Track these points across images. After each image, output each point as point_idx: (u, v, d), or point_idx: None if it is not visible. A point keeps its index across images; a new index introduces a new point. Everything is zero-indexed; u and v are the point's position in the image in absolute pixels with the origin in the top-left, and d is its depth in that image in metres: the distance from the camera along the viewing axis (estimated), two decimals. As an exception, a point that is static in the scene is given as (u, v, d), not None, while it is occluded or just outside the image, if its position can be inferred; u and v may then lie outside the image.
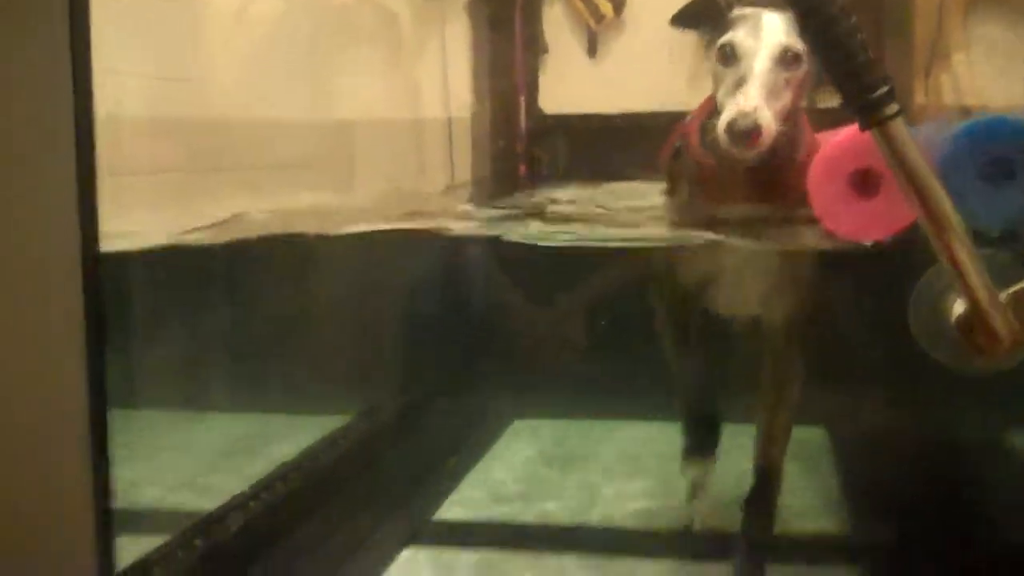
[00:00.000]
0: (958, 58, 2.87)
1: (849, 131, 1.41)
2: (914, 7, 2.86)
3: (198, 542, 1.81)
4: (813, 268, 1.87)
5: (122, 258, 1.52)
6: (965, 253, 1.24)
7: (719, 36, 1.66)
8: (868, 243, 1.49)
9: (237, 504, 1.99)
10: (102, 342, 1.34)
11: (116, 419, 1.32)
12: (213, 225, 1.96)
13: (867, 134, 1.29)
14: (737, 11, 1.68)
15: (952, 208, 1.23)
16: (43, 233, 1.29)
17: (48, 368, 1.33)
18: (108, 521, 1.35)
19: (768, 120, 1.53)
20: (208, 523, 1.89)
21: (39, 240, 1.29)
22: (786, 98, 1.59)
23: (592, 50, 3.13)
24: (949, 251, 1.24)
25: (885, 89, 1.21)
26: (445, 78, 3.09)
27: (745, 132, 1.51)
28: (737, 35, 1.62)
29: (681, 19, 1.75)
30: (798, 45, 1.59)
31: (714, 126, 1.63)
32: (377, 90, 2.89)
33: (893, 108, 1.21)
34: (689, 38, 2.99)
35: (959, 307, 1.33)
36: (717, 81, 1.67)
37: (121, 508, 1.29)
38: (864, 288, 2.27)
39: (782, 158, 1.62)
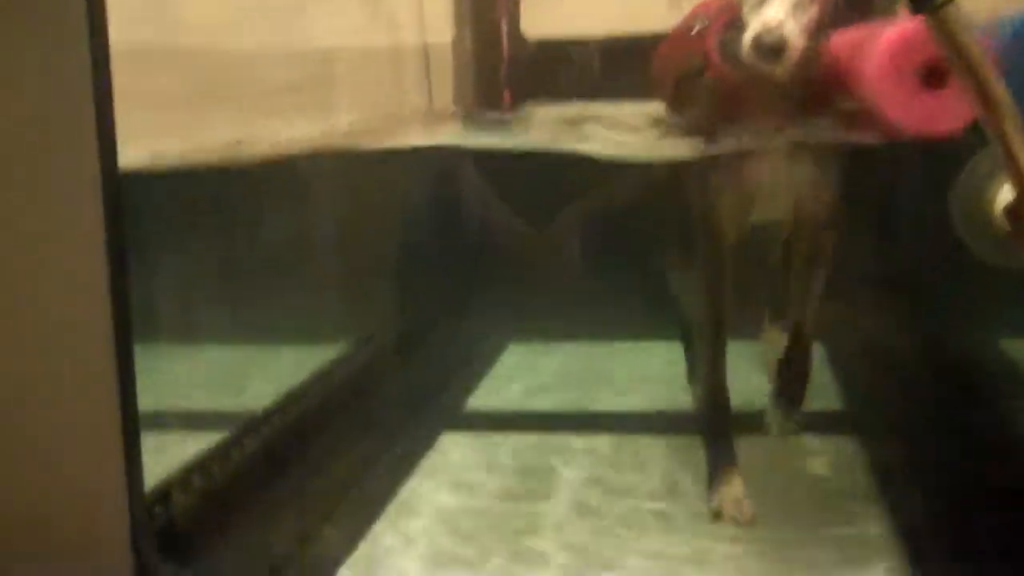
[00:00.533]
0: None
1: (916, 24, 1.40)
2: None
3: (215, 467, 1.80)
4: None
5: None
6: (1019, 138, 1.22)
7: None
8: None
9: (250, 428, 1.98)
10: (124, 259, 1.32)
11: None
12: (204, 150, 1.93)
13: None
14: None
15: (1007, 93, 1.21)
16: (64, 153, 1.27)
17: (72, 286, 1.30)
18: (135, 441, 1.33)
19: (795, 34, 1.54)
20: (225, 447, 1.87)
21: (60, 160, 1.27)
22: (812, 12, 1.59)
23: (571, -28, 3.07)
24: (1003, 135, 1.22)
25: (939, -26, 1.18)
26: (421, 3, 3.03)
27: (771, 47, 1.53)
28: None
29: None
30: None
31: (733, 40, 1.64)
32: (351, 16, 2.82)
33: (948, -7, 1.19)
34: (666, -43, 2.98)
35: (1005, 196, 1.32)
36: None
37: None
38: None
39: (808, 71, 1.63)
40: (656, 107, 2.17)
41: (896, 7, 1.65)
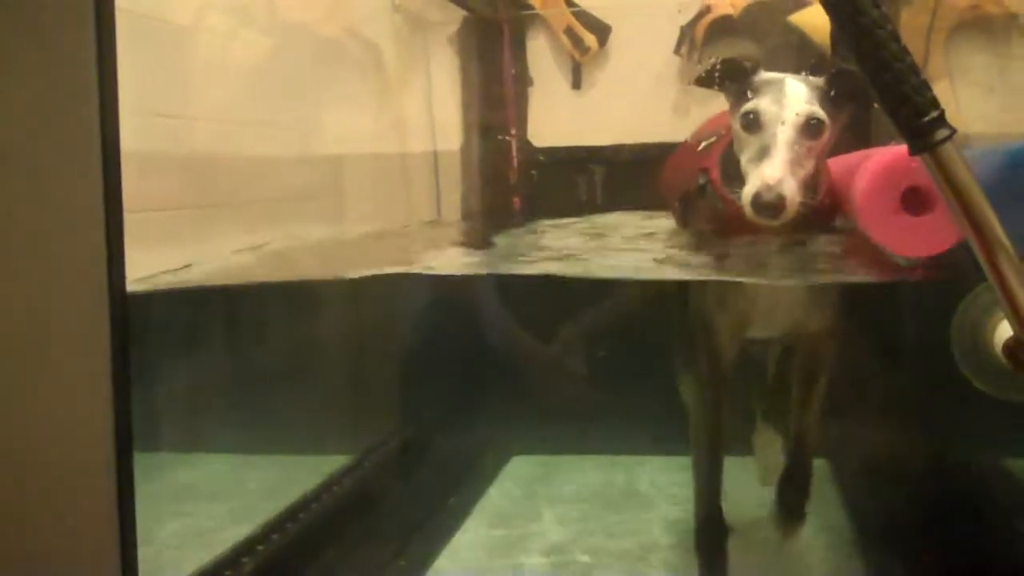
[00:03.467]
0: (942, 85, 2.89)
1: (902, 150, 1.43)
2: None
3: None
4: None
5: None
6: (1015, 276, 1.23)
7: (743, 98, 1.69)
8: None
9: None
10: (127, 380, 1.32)
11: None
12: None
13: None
14: (761, 75, 1.71)
15: (1002, 231, 1.22)
16: (72, 271, 1.28)
17: (75, 405, 1.30)
18: (132, 553, 1.32)
19: (792, 191, 1.57)
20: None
21: (68, 278, 1.28)
22: (809, 166, 1.64)
23: (577, 82, 3.12)
24: (998, 274, 1.22)
25: (936, 113, 1.20)
26: (431, 111, 3.08)
27: (769, 204, 1.55)
28: (761, 103, 1.65)
29: (704, 81, 1.77)
30: (821, 114, 1.63)
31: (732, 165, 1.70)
32: (362, 124, 2.86)
33: (944, 132, 1.20)
34: (672, 69, 3.04)
35: (1004, 332, 1.33)
36: (740, 146, 1.69)
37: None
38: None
39: (805, 204, 1.65)
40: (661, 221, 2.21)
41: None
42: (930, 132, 1.20)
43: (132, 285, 1.37)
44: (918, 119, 1.21)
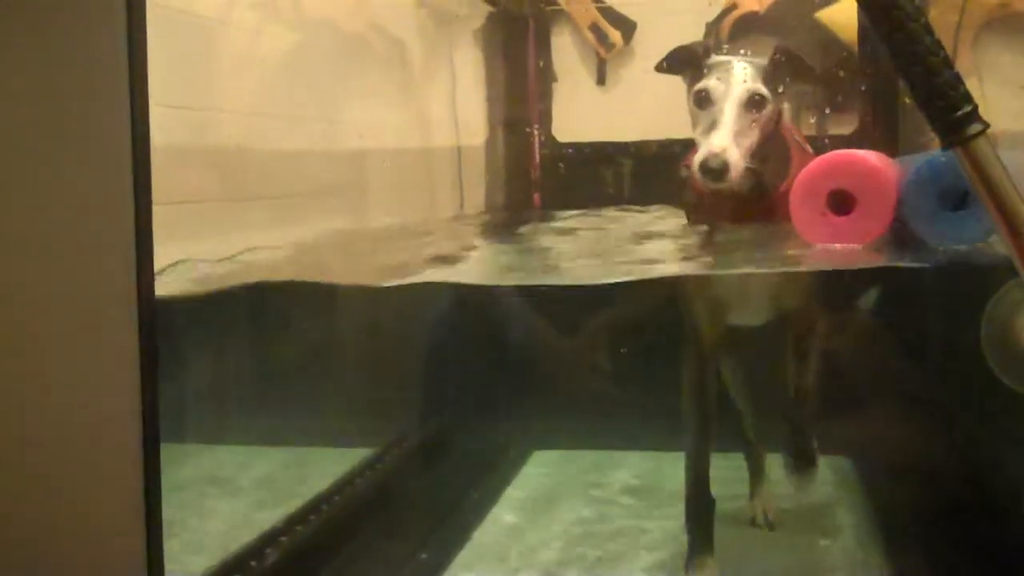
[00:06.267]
0: (970, 83, 2.86)
1: (827, 156, 1.73)
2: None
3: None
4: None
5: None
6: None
7: (697, 81, 1.89)
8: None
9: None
10: (155, 373, 1.32)
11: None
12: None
13: (842, 158, 1.69)
14: (713, 58, 1.92)
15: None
16: (100, 275, 1.28)
17: (102, 397, 1.31)
18: (158, 544, 1.32)
19: (736, 158, 1.77)
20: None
21: (96, 283, 1.27)
22: (753, 136, 1.83)
23: (601, 78, 3.13)
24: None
25: (969, 108, 1.19)
26: (454, 106, 3.08)
27: (715, 169, 1.76)
28: (710, 82, 1.87)
29: (664, 66, 1.99)
30: (763, 90, 1.85)
31: None
32: (387, 118, 2.87)
33: (977, 127, 1.19)
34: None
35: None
36: (694, 121, 1.90)
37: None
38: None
39: (766, 186, 1.88)
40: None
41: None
42: (963, 126, 1.20)
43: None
44: (951, 113, 1.20)
